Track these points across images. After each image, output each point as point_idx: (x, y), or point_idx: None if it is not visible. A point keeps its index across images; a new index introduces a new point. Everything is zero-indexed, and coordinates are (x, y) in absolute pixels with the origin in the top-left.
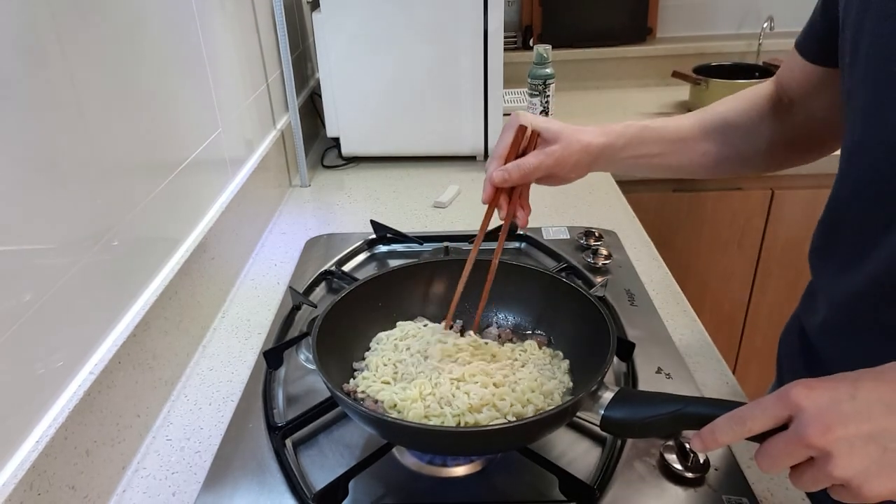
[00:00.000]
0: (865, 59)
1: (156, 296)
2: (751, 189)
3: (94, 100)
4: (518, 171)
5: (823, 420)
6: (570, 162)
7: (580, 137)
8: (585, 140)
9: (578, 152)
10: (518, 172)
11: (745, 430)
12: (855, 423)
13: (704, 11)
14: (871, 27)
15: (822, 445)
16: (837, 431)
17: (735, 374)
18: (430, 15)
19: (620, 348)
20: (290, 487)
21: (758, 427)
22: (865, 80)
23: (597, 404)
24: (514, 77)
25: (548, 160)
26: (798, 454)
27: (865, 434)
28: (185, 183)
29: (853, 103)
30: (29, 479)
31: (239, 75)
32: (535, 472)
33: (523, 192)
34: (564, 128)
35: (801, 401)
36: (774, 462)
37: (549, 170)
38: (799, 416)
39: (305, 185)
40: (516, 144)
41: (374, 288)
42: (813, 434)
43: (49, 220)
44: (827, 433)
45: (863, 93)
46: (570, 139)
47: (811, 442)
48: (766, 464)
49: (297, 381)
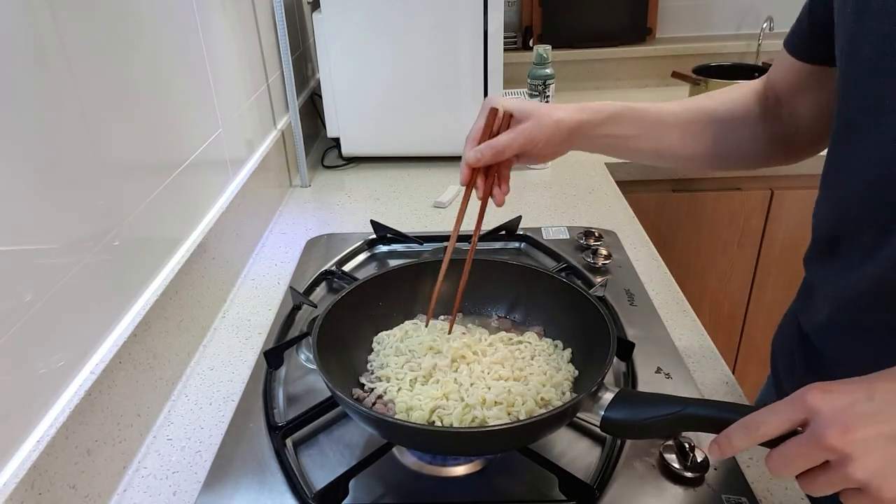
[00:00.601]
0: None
1: (156, 296)
2: (750, 189)
3: (94, 100)
4: (490, 149)
5: (842, 422)
6: (542, 138)
7: (552, 114)
8: (557, 116)
9: (550, 128)
10: (490, 151)
11: (760, 435)
12: (874, 424)
13: (704, 12)
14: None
15: (841, 447)
16: (856, 433)
17: (734, 373)
18: (430, 15)
19: (620, 348)
20: (291, 487)
21: (772, 431)
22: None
23: (597, 405)
24: (514, 77)
25: (519, 137)
26: (814, 457)
27: (885, 435)
28: (185, 183)
29: (853, 102)
30: (30, 478)
31: (239, 75)
32: (535, 472)
33: (501, 172)
34: (538, 107)
35: (816, 403)
36: (789, 465)
37: (522, 147)
38: (815, 419)
39: (306, 186)
40: (489, 127)
41: (374, 288)
42: (832, 436)
43: (50, 220)
44: (846, 434)
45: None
46: (542, 116)
47: (830, 444)
48: (778, 467)
49: (297, 381)
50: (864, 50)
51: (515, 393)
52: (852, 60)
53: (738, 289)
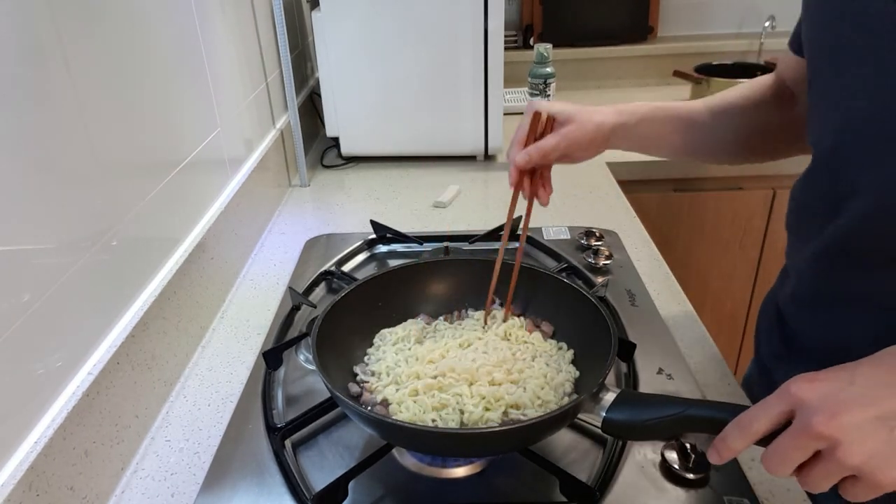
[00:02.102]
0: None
1: (155, 296)
2: (752, 189)
3: (92, 99)
4: (538, 152)
5: (827, 408)
6: (584, 141)
7: (593, 118)
8: (598, 120)
9: (592, 132)
10: (538, 153)
11: (752, 433)
12: (859, 407)
13: (705, 10)
14: None
15: (830, 433)
16: (843, 417)
17: (736, 374)
18: (430, 14)
19: (621, 349)
20: (290, 488)
21: (763, 427)
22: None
23: (598, 406)
24: (514, 76)
25: (563, 140)
26: (806, 447)
27: (872, 417)
28: (184, 182)
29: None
30: (28, 479)
31: (238, 74)
32: (536, 473)
33: (544, 174)
34: (578, 110)
35: (801, 393)
36: (783, 460)
37: (567, 149)
38: (802, 409)
39: (305, 185)
40: (533, 130)
41: (374, 288)
42: (819, 423)
43: (47, 220)
44: (832, 420)
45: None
46: (584, 120)
47: (819, 431)
48: (774, 463)
49: (296, 382)
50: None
51: (512, 395)
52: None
53: (741, 289)
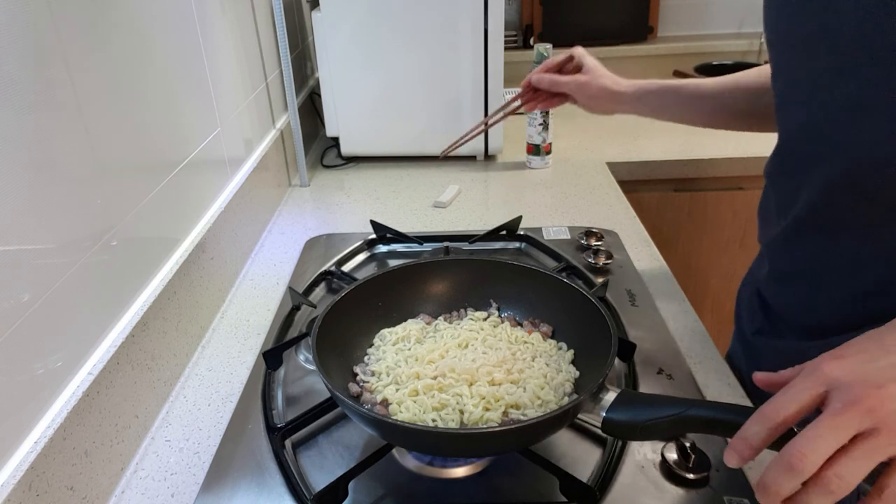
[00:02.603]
0: None
1: (154, 296)
2: (752, 188)
3: (92, 99)
4: (550, 79)
5: (871, 381)
6: (590, 91)
7: (602, 80)
8: (605, 83)
9: (596, 88)
10: (549, 80)
11: (780, 423)
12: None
13: (705, 10)
14: None
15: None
16: (890, 387)
17: None
18: (430, 14)
19: (621, 349)
20: (290, 489)
21: (794, 413)
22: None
23: (598, 406)
24: (514, 76)
25: (571, 83)
26: (848, 426)
27: None
28: (183, 182)
29: None
30: (28, 479)
31: (238, 74)
32: (536, 474)
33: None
34: (600, 72)
35: (834, 372)
36: (817, 447)
37: (573, 90)
38: (839, 387)
39: (305, 185)
40: (559, 65)
41: (374, 288)
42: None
43: (47, 220)
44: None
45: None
46: (597, 77)
47: (868, 405)
48: (808, 450)
49: (296, 382)
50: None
51: (512, 395)
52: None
53: None
